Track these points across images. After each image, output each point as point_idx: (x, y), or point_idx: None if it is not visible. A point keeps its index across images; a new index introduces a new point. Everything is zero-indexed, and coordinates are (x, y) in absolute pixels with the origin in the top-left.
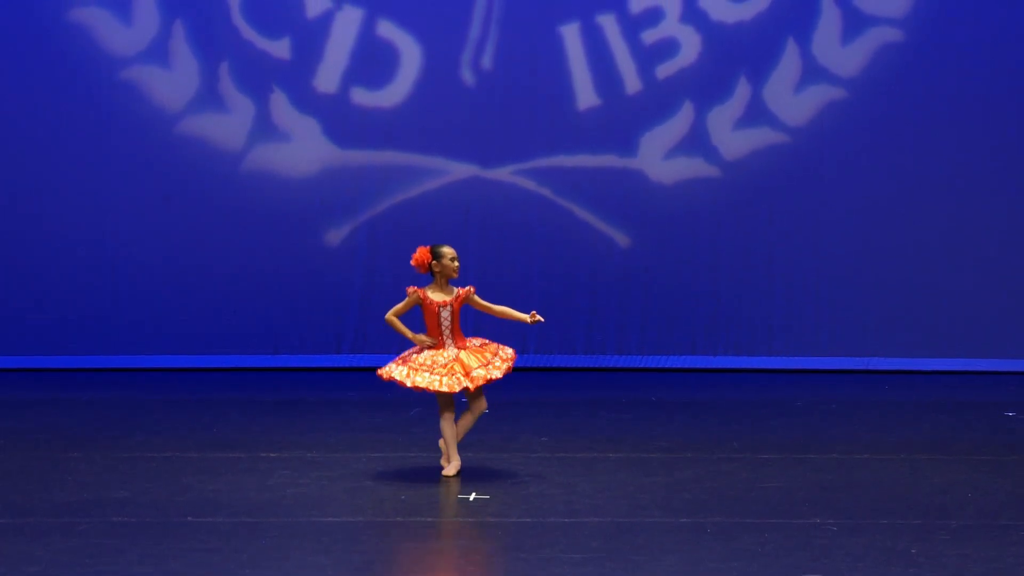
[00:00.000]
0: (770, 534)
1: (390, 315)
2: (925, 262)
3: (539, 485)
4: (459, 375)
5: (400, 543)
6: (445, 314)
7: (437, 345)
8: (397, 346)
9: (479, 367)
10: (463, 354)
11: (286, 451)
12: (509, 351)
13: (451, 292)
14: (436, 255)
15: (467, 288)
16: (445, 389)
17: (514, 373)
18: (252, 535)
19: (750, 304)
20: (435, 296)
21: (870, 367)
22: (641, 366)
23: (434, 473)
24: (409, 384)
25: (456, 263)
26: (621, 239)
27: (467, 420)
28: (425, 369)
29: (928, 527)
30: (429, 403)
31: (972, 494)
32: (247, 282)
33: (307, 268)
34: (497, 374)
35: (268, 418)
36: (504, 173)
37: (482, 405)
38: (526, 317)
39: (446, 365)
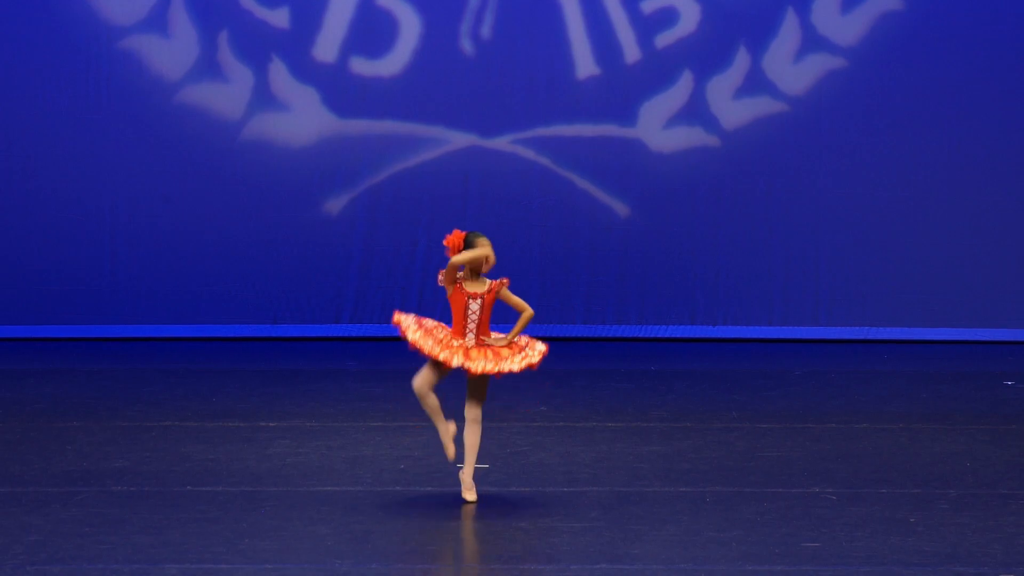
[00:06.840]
0: (769, 503)
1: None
2: (924, 231)
3: (538, 454)
4: (459, 353)
5: (399, 513)
6: (474, 307)
7: (455, 334)
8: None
9: (484, 360)
10: (475, 349)
11: (285, 421)
12: (540, 347)
13: (483, 284)
14: (469, 244)
15: (501, 280)
16: (441, 358)
17: None
18: (251, 504)
19: (749, 273)
20: (467, 286)
21: (869, 337)
22: (640, 336)
23: (433, 442)
24: (409, 336)
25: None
26: (620, 208)
27: (472, 438)
28: (431, 337)
29: (927, 496)
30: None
31: (971, 463)
32: (246, 251)
33: (306, 238)
34: (511, 367)
35: (267, 388)
36: (503, 142)
37: (477, 413)
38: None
39: (452, 344)
